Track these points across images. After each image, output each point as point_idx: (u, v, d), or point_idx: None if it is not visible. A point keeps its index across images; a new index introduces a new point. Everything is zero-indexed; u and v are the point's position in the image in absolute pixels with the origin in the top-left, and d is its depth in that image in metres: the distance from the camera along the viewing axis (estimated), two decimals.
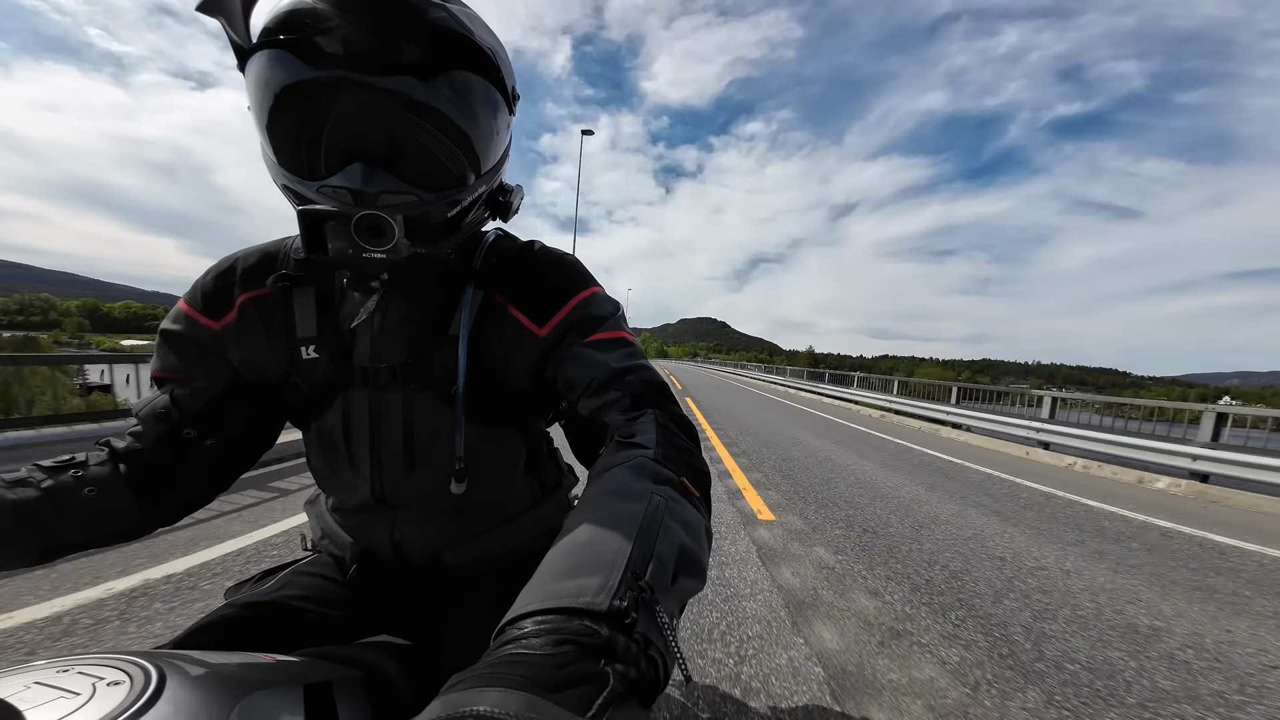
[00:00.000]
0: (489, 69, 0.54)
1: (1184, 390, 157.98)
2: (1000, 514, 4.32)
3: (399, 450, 0.65)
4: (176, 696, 0.36)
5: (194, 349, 0.65)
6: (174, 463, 0.63)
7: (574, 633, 0.30)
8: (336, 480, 0.70)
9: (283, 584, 0.71)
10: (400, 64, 0.49)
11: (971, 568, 3.03)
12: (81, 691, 0.35)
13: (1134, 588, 2.91)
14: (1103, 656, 2.12)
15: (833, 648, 2.05)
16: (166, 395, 0.63)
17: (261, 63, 0.49)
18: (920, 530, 3.70)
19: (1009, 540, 3.60)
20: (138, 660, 0.40)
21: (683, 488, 0.45)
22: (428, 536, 0.70)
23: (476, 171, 0.57)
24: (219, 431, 0.65)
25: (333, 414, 0.65)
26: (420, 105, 0.50)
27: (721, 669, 1.85)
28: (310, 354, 0.63)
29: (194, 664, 0.41)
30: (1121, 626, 2.41)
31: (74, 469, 0.59)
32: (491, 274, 0.66)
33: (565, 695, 0.26)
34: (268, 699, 0.41)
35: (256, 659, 0.48)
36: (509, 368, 0.65)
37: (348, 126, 0.50)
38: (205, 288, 0.65)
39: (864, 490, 4.82)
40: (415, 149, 0.52)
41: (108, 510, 0.60)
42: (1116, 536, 3.92)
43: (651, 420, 0.53)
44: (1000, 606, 2.53)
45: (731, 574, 2.71)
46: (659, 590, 0.34)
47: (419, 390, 0.63)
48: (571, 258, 0.69)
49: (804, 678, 1.83)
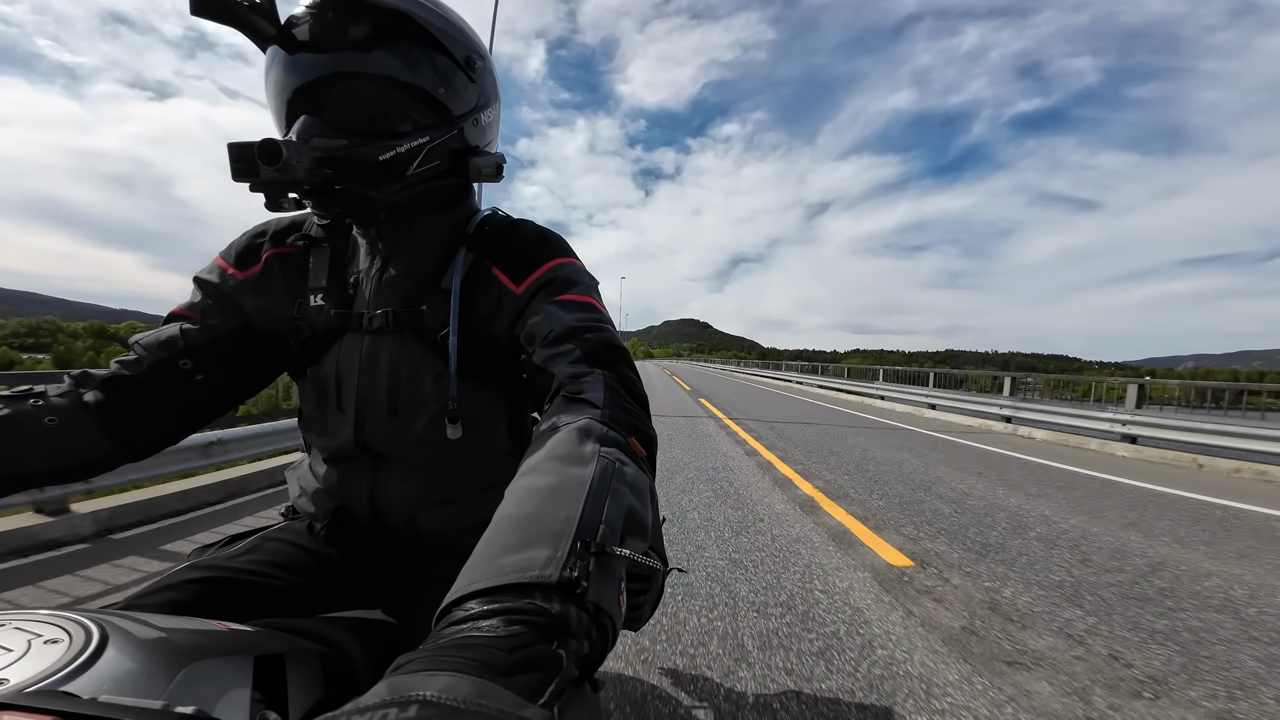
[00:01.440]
0: (420, 32, 0.61)
1: (1116, 372, 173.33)
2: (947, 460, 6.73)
3: (383, 395, 0.69)
4: (116, 659, 0.35)
5: (217, 294, 0.72)
6: (159, 392, 0.68)
7: (525, 612, 0.30)
8: (325, 425, 0.73)
9: (249, 549, 0.71)
10: (348, 41, 0.58)
11: (900, 470, 6.02)
12: (14, 648, 0.34)
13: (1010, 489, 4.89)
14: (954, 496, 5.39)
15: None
16: (177, 328, 0.70)
17: (266, 58, 0.60)
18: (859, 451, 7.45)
19: (941, 471, 5.56)
20: (80, 619, 0.38)
21: (629, 448, 0.47)
22: (405, 496, 0.72)
23: (415, 123, 0.63)
24: (212, 368, 0.70)
25: (329, 359, 0.71)
26: (352, 72, 0.59)
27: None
28: (317, 301, 0.71)
29: (141, 625, 0.40)
30: (964, 489, 5.38)
31: (33, 398, 0.61)
32: (483, 239, 0.72)
33: (518, 680, 0.26)
34: (214, 668, 0.39)
35: (209, 626, 0.46)
36: (489, 324, 0.69)
37: (296, 91, 0.59)
38: (240, 245, 0.74)
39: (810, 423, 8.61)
40: (347, 104, 0.60)
41: (72, 440, 0.61)
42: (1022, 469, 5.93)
43: (600, 380, 0.55)
44: (924, 491, 4.53)
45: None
46: (607, 554, 0.35)
47: (410, 337, 0.68)
48: (557, 233, 0.74)
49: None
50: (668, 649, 1.86)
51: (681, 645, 1.89)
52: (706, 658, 1.82)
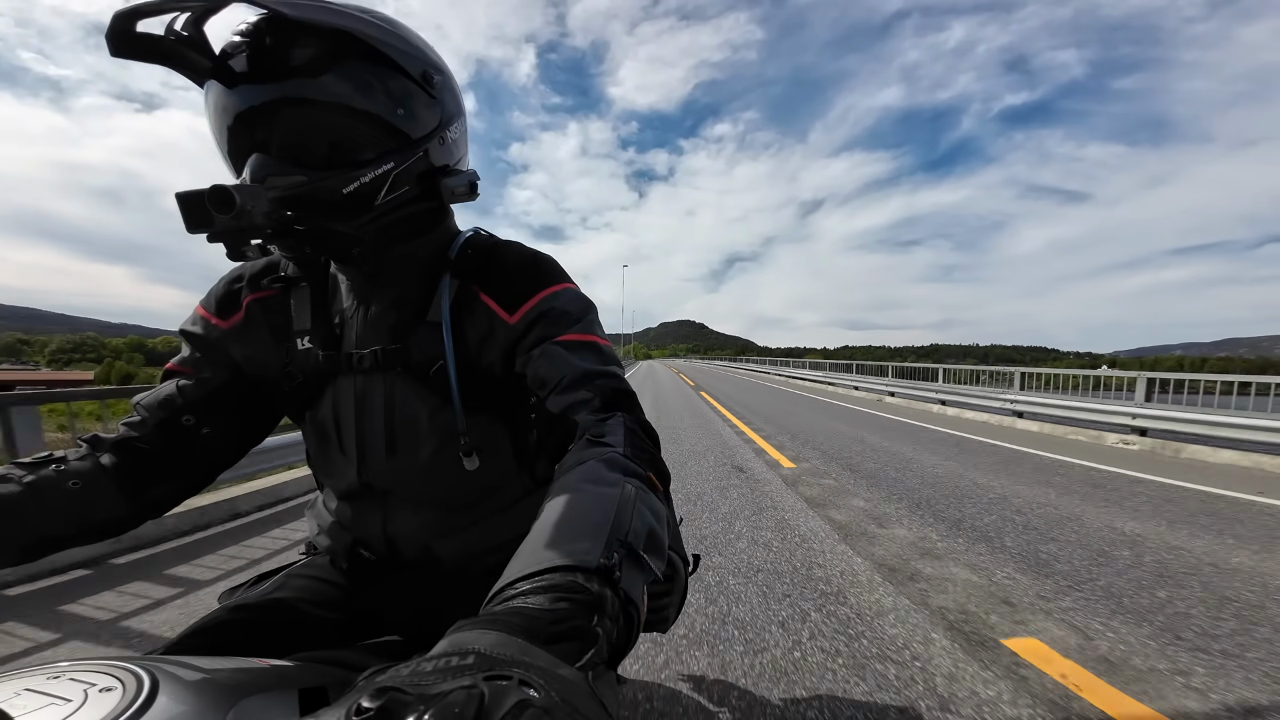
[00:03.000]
0: (370, 52, 0.57)
1: (1085, 361, 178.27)
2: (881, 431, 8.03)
3: (380, 433, 0.69)
4: (169, 702, 0.36)
5: (204, 345, 0.71)
6: (168, 450, 0.68)
7: (567, 589, 0.33)
8: (330, 469, 0.74)
9: (277, 587, 0.73)
10: (292, 68, 0.55)
11: (864, 445, 6.71)
12: (73, 698, 0.35)
13: (948, 459, 5.97)
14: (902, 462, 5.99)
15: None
16: (174, 385, 0.69)
17: (205, 95, 0.57)
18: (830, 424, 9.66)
19: (881, 439, 7.22)
20: (130, 666, 0.40)
21: (649, 481, 0.50)
22: (417, 528, 0.72)
23: (376, 151, 0.60)
24: (215, 420, 0.70)
25: (325, 402, 0.70)
26: (299, 100, 0.55)
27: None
28: (304, 344, 0.70)
29: (187, 669, 0.41)
30: (906, 457, 5.96)
31: (54, 464, 0.61)
32: (467, 264, 0.70)
33: (559, 647, 0.29)
34: (262, 704, 0.40)
35: (250, 664, 0.48)
36: (481, 353, 0.69)
37: (242, 127, 0.56)
38: (218, 292, 0.72)
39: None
40: (299, 137, 0.57)
41: (91, 503, 0.62)
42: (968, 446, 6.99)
43: (620, 423, 0.57)
44: (874, 458, 5.82)
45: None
46: (636, 554, 0.39)
47: (401, 374, 0.68)
48: (547, 256, 0.73)
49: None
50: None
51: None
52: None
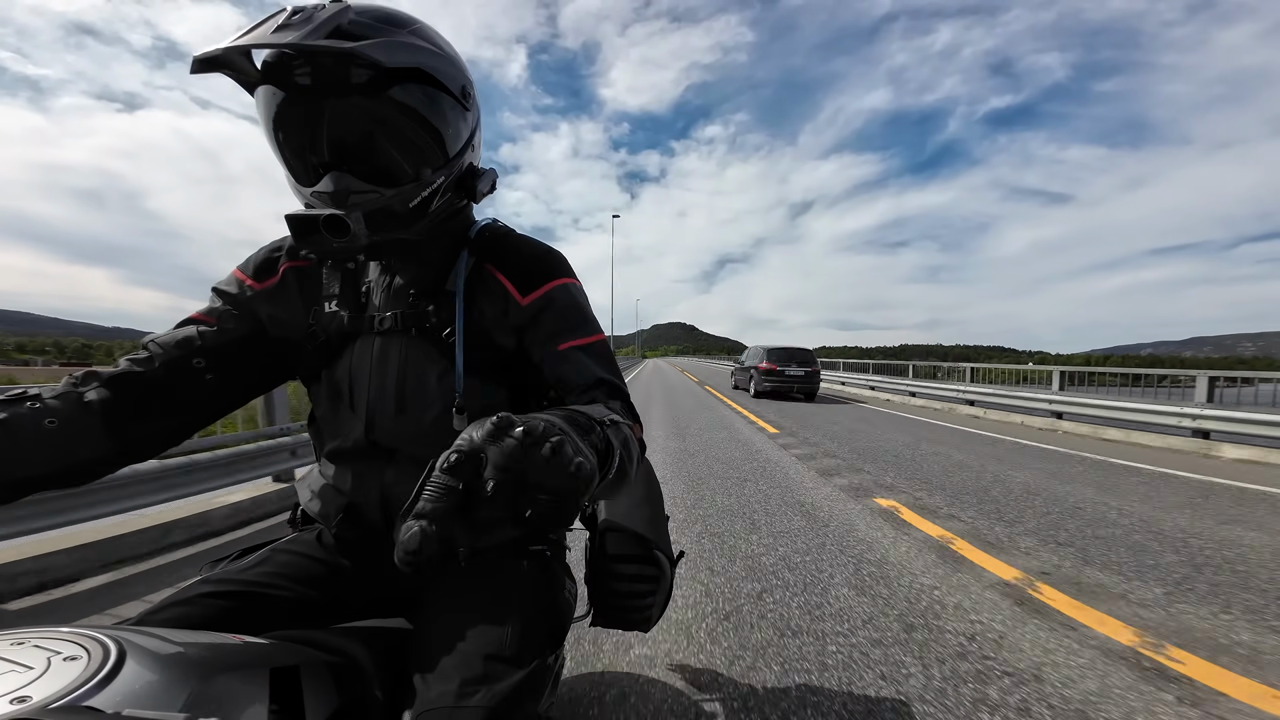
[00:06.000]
0: (427, 79, 0.64)
1: (1038, 359, 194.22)
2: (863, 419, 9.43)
3: (391, 392, 0.74)
4: (135, 674, 0.36)
5: (234, 301, 0.77)
6: (168, 389, 0.70)
7: (597, 420, 0.51)
8: (338, 426, 0.78)
9: (260, 561, 0.73)
10: (351, 87, 0.61)
11: (836, 420, 9.11)
12: (35, 665, 0.34)
13: (905, 431, 7.85)
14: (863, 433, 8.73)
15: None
16: (194, 329, 0.74)
17: (258, 97, 0.62)
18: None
19: (867, 425, 8.61)
20: (97, 635, 0.39)
21: (633, 429, 0.62)
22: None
23: (432, 166, 0.68)
24: (223, 369, 0.74)
25: (343, 362, 0.76)
26: (370, 119, 0.63)
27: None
28: (331, 308, 0.76)
29: (158, 641, 0.41)
30: (873, 435, 7.43)
31: (29, 400, 0.60)
32: (484, 245, 0.79)
33: (589, 437, 0.47)
34: (231, 681, 0.40)
35: (224, 639, 0.47)
36: (492, 325, 0.76)
37: (318, 141, 0.62)
38: (257, 259, 0.79)
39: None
40: (372, 155, 0.64)
41: (72, 441, 0.61)
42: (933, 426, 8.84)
43: (619, 404, 0.72)
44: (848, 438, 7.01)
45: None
46: (613, 438, 0.52)
47: (416, 337, 0.74)
48: (558, 250, 0.81)
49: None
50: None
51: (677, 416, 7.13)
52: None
